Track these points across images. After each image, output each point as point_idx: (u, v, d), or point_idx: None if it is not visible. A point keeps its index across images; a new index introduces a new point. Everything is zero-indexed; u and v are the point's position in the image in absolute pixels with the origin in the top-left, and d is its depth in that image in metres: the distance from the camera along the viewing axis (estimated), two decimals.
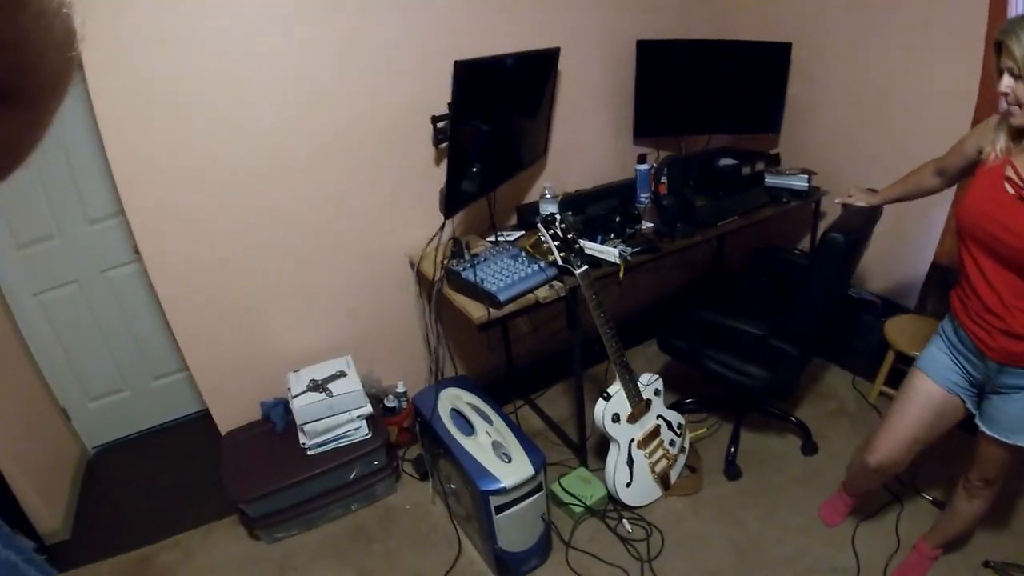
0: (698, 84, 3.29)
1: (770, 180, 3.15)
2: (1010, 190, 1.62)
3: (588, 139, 3.27)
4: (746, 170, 3.14)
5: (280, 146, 2.52)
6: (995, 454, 1.89)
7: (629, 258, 2.45)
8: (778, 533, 2.45)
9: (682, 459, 2.66)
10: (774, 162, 3.38)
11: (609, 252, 2.42)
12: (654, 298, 3.86)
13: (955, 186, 2.12)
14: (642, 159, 2.97)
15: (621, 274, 2.42)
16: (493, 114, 2.47)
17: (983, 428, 1.86)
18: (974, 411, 1.90)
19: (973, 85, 2.65)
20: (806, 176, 3.09)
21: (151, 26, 2.20)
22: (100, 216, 3.00)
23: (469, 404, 2.50)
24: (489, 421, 2.42)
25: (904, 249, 3.15)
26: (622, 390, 2.37)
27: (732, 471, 2.71)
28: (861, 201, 2.36)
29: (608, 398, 2.36)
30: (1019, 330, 1.66)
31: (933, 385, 1.94)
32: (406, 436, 2.98)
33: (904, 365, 2.04)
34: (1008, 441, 1.81)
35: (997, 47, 1.54)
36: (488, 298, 2.26)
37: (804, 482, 2.68)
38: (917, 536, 2.32)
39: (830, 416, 3.05)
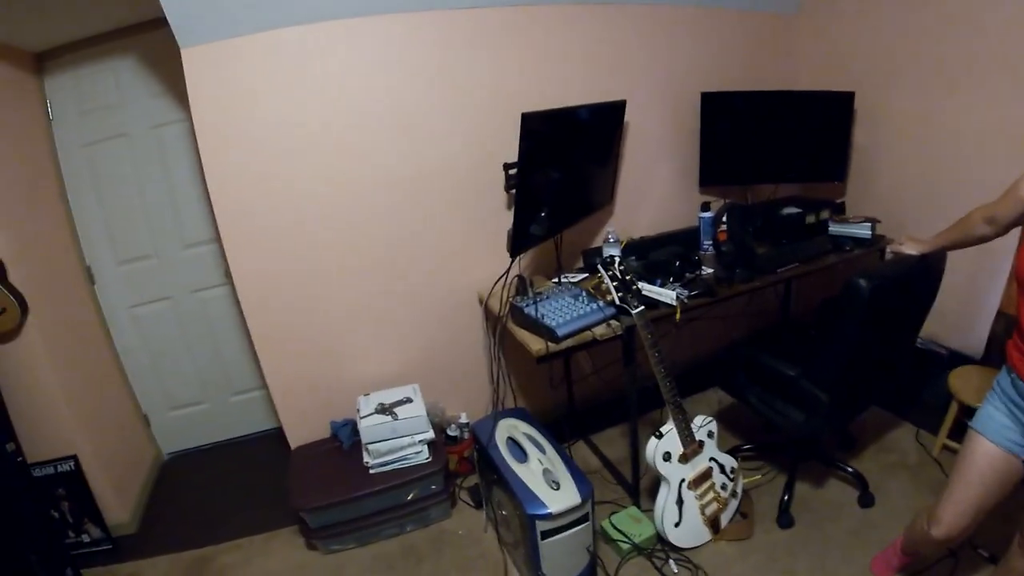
0: (762, 134, 3.35)
1: (834, 228, 3.15)
2: None
3: (654, 187, 3.38)
4: (810, 218, 3.15)
5: (365, 188, 2.76)
6: None
7: (686, 300, 2.51)
8: None
9: (734, 503, 2.66)
10: (839, 211, 3.37)
11: (666, 294, 2.48)
12: (721, 346, 3.85)
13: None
14: (705, 207, 3.03)
15: (677, 315, 2.48)
16: (560, 162, 2.61)
17: None
18: None
19: None
20: (869, 224, 3.08)
21: (254, 70, 2.48)
22: (195, 241, 3.28)
23: (525, 434, 2.59)
24: (542, 450, 2.50)
25: (971, 299, 3.08)
26: (675, 430, 2.42)
27: (785, 519, 2.68)
28: (912, 249, 2.33)
29: (660, 436, 2.41)
30: None
31: (992, 447, 1.86)
32: (465, 466, 3.08)
33: (969, 418, 2.00)
34: None
35: None
36: (547, 332, 2.35)
37: (858, 534, 2.63)
38: None
39: (890, 468, 2.98)
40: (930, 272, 2.41)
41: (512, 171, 2.70)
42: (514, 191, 2.53)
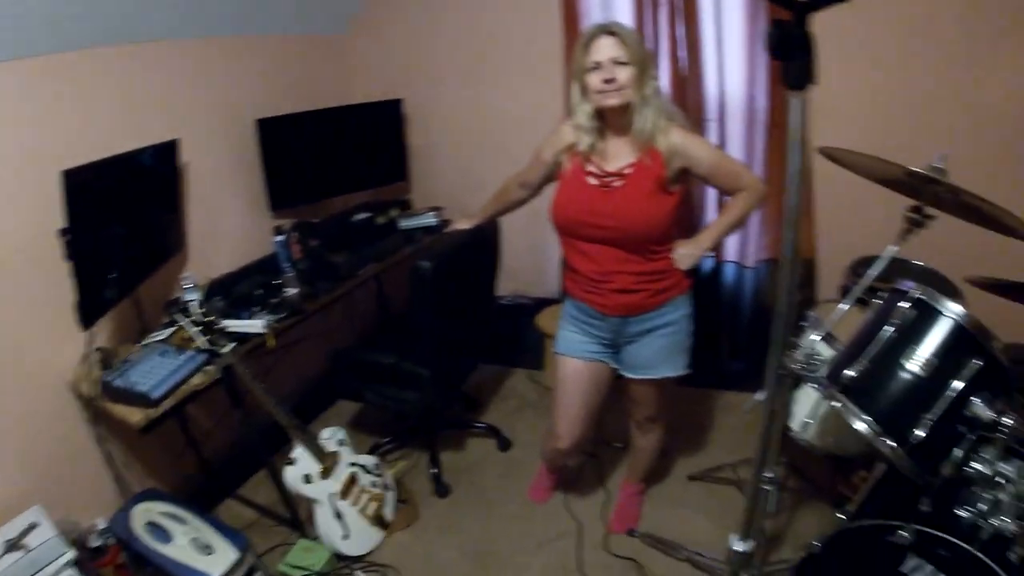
0: (324, 150, 3.45)
1: (404, 223, 3.46)
2: (594, 182, 1.97)
3: (226, 222, 3.26)
4: (380, 219, 3.41)
5: None
6: (647, 392, 2.25)
7: (275, 325, 2.56)
8: (500, 526, 2.68)
9: (391, 496, 2.77)
10: (406, 207, 3.71)
11: (253, 325, 2.49)
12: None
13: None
14: (278, 231, 3.03)
15: (270, 342, 2.52)
16: (116, 216, 2.44)
17: (628, 375, 2.20)
18: (616, 365, 2.22)
19: (559, 102, 3.27)
20: (434, 213, 3.46)
21: None
22: None
23: (162, 513, 2.40)
24: (184, 522, 2.36)
25: (537, 254, 3.66)
26: (304, 451, 2.46)
27: (441, 489, 2.88)
28: (464, 225, 2.63)
29: (293, 463, 2.43)
30: (624, 286, 2.01)
31: (576, 362, 2.23)
32: (124, 573, 2.77)
33: None
34: (652, 377, 2.16)
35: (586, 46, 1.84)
36: (142, 399, 2.21)
37: (508, 475, 2.96)
38: (620, 481, 2.70)
39: (515, 412, 3.41)
40: (485, 239, 2.77)
41: (67, 237, 2.45)
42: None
